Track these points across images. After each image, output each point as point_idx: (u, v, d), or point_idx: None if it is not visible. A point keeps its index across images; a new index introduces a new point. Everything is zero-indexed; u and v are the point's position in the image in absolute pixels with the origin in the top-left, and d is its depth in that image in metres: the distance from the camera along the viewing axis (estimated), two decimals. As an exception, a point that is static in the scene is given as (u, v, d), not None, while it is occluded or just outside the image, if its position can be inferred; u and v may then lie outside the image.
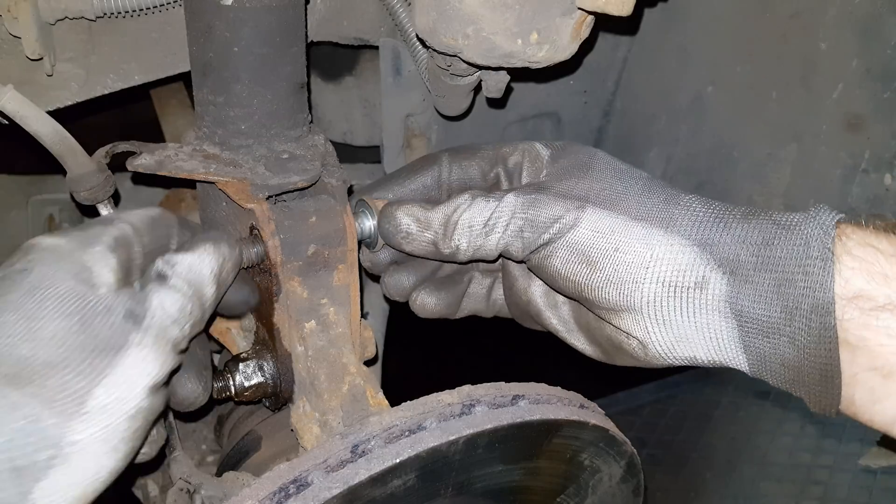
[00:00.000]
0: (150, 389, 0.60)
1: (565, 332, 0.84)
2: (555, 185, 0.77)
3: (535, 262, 0.77)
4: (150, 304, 0.63)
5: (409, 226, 0.80)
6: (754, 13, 1.15)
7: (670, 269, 0.69)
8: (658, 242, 0.70)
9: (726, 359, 0.70)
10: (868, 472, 2.22)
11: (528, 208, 0.75)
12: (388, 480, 0.64)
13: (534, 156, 0.83)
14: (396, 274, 0.88)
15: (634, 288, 0.70)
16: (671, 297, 0.69)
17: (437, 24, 0.86)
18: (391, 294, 0.89)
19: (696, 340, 0.70)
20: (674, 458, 2.42)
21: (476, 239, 0.77)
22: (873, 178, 1.04)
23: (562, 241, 0.74)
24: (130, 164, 0.83)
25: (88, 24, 0.99)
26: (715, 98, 1.24)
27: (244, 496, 0.62)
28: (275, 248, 0.79)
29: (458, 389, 0.71)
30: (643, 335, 0.72)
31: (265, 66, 0.82)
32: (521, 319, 0.90)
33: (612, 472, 0.80)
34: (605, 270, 0.71)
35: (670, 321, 0.70)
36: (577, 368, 1.08)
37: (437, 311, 0.88)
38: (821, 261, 0.64)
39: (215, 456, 1.11)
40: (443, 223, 0.78)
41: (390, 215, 0.81)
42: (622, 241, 0.71)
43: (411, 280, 0.88)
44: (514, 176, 0.85)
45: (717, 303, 0.68)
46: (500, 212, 0.76)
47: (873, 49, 1.01)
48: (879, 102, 1.02)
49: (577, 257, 0.73)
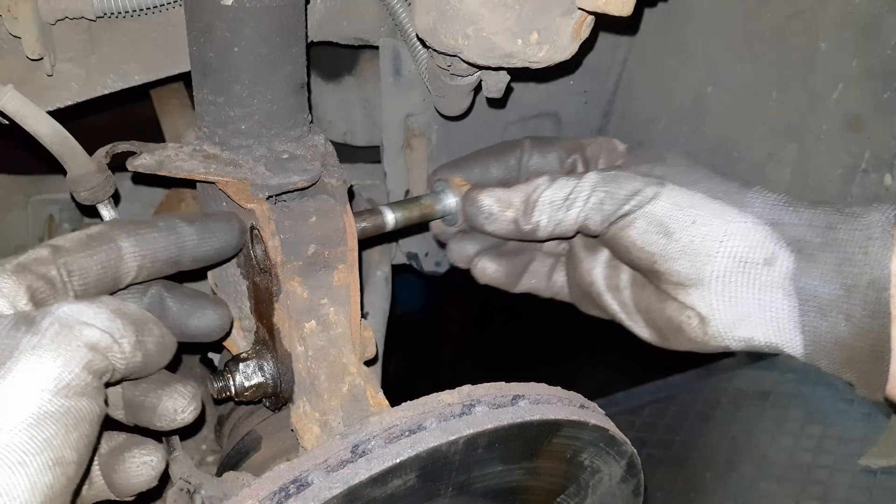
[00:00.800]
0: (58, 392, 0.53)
1: (624, 314, 0.87)
2: (634, 167, 0.82)
3: (612, 233, 0.80)
4: (51, 310, 0.57)
5: (492, 206, 0.83)
6: (754, 13, 1.15)
7: (742, 244, 0.73)
8: (733, 219, 0.74)
9: (783, 340, 0.74)
10: (868, 472, 2.22)
11: (608, 183, 0.79)
12: (389, 480, 0.64)
13: (611, 147, 0.88)
14: (462, 241, 0.92)
15: (706, 261, 0.74)
16: (740, 272, 0.73)
17: (437, 24, 0.86)
18: (455, 259, 0.93)
19: (757, 319, 0.74)
20: (674, 458, 2.42)
21: (556, 213, 0.81)
22: (873, 178, 1.04)
23: (641, 212, 0.77)
24: (130, 164, 0.83)
25: (88, 24, 0.99)
26: (715, 98, 1.24)
27: (244, 496, 0.62)
28: (275, 248, 0.79)
29: (458, 389, 0.71)
30: (707, 311, 0.75)
31: (265, 66, 0.82)
32: (579, 301, 0.93)
33: (612, 472, 0.80)
34: (682, 241, 0.75)
35: (735, 297, 0.74)
36: (577, 368, 1.09)
37: (496, 278, 0.92)
38: (881, 241, 0.69)
39: (215, 456, 1.12)
40: (523, 201, 0.82)
41: (473, 198, 0.85)
42: (699, 215, 0.75)
43: (474, 248, 0.92)
44: (590, 163, 0.89)
45: (783, 280, 0.72)
46: (581, 186, 0.80)
47: (873, 49, 1.01)
48: (879, 102, 1.02)
49: (654, 228, 0.76)
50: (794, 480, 2.32)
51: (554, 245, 0.95)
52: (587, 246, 0.89)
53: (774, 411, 2.50)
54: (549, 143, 0.92)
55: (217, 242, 0.75)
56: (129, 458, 0.66)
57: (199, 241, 0.73)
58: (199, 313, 0.75)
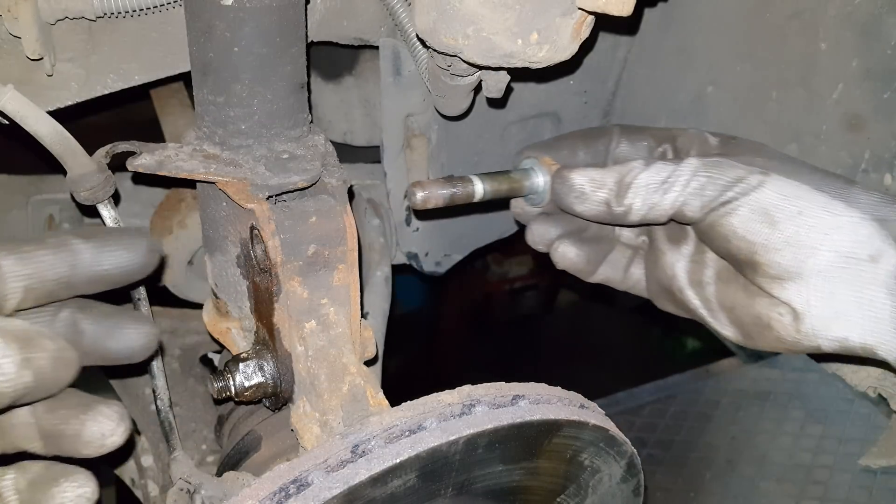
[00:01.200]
0: None
1: (705, 311, 0.84)
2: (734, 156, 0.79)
3: (710, 220, 0.77)
4: None
5: (584, 185, 0.81)
6: (754, 13, 1.15)
7: (848, 238, 0.72)
8: (840, 212, 0.73)
9: (879, 341, 0.72)
10: (868, 472, 2.22)
11: (710, 168, 0.77)
12: (389, 480, 0.64)
13: (703, 139, 0.86)
14: (543, 223, 0.90)
15: (810, 254, 0.72)
16: (842, 267, 0.71)
17: (437, 24, 0.85)
18: (534, 241, 0.91)
19: (855, 318, 0.72)
20: (674, 458, 2.43)
21: (651, 196, 0.78)
22: (873, 178, 1.04)
23: (745, 200, 0.75)
24: (130, 164, 0.83)
25: (88, 24, 0.99)
26: (715, 98, 1.24)
27: (244, 496, 0.62)
28: (275, 248, 0.79)
29: (458, 389, 0.71)
30: (802, 306, 0.73)
31: (265, 66, 0.82)
32: (656, 297, 0.91)
33: (612, 472, 0.80)
34: (786, 231, 0.73)
35: (835, 294, 0.72)
36: (577, 368, 1.09)
37: (576, 265, 0.90)
38: None
39: (215, 456, 1.12)
40: (617, 181, 0.80)
41: (565, 176, 0.82)
42: (806, 207, 0.73)
43: (556, 231, 0.90)
44: (681, 154, 0.87)
45: (886, 278, 0.70)
46: (681, 171, 0.77)
47: (873, 49, 1.01)
48: (879, 102, 1.02)
49: (758, 216, 0.74)
50: (794, 480, 2.32)
51: (633, 237, 0.93)
52: (671, 238, 0.87)
53: (774, 411, 2.51)
54: (639, 132, 0.90)
55: (118, 260, 0.65)
56: (60, 493, 0.59)
57: (94, 260, 0.63)
58: (119, 334, 0.66)
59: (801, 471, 2.34)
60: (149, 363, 0.93)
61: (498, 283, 3.66)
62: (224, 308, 0.96)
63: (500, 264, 3.62)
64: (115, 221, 0.86)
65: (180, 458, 0.93)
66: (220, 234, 0.92)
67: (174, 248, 1.29)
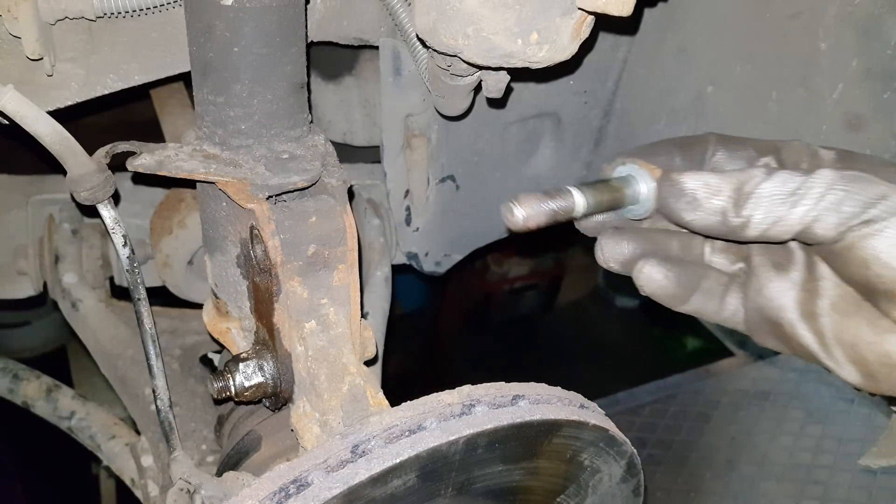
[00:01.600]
0: None
1: (818, 347, 0.75)
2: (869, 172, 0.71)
3: (847, 241, 0.69)
4: None
5: (697, 190, 0.72)
6: (754, 13, 1.15)
7: None
8: None
9: None
10: (868, 472, 2.22)
11: (849, 182, 0.68)
12: (389, 480, 0.64)
13: (813, 151, 0.78)
14: (618, 237, 0.78)
15: None
16: None
17: (437, 24, 0.86)
18: (605, 259, 0.79)
19: None
20: (674, 458, 2.43)
21: (776, 208, 0.69)
22: (873, 178, 1.04)
23: (893, 220, 0.66)
24: (130, 164, 0.83)
25: (88, 24, 0.99)
26: (715, 98, 1.24)
27: (244, 496, 0.62)
28: (275, 248, 0.79)
29: (458, 389, 0.70)
30: None
31: (265, 66, 0.82)
32: (755, 330, 0.80)
33: (612, 472, 0.80)
34: None
35: None
36: (577, 368, 1.09)
37: (664, 290, 0.78)
38: None
39: (215, 456, 1.12)
40: (735, 189, 0.70)
41: (674, 180, 0.72)
42: None
43: (632, 248, 0.78)
44: (787, 167, 0.78)
45: None
46: (813, 182, 0.68)
47: (873, 49, 1.01)
48: (879, 102, 1.02)
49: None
50: (794, 480, 2.32)
51: (727, 263, 0.82)
52: (775, 265, 0.78)
53: (774, 411, 2.51)
54: (738, 141, 0.81)
55: None
56: None
57: None
58: None
59: (800, 471, 2.34)
60: (149, 363, 0.93)
61: (498, 283, 3.66)
62: (224, 308, 0.96)
63: (500, 264, 3.62)
64: (116, 221, 0.86)
65: (180, 458, 0.93)
66: (220, 234, 0.92)
67: (174, 248, 1.29)
